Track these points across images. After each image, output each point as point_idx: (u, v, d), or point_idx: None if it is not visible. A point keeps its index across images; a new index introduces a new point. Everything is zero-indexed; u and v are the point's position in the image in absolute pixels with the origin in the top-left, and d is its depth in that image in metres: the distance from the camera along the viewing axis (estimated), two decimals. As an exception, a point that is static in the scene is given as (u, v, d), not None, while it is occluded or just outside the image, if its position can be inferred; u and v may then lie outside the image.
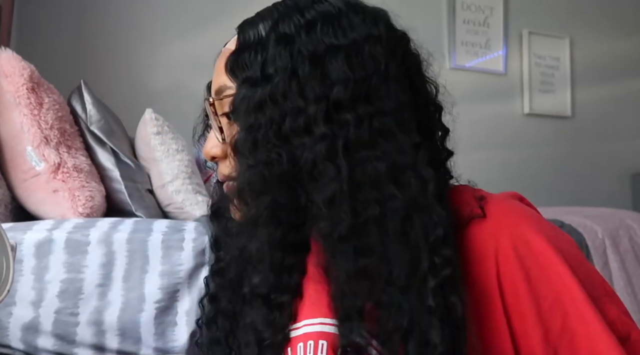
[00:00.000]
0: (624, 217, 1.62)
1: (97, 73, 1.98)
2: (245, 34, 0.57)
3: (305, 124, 0.52)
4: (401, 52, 0.57)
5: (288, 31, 0.54)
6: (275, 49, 0.54)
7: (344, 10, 0.55)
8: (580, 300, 0.51)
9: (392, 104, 0.53)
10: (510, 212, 0.56)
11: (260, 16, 0.58)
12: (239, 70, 0.56)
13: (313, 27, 0.54)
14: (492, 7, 2.85)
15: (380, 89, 0.53)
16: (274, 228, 0.54)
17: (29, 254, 0.98)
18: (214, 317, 0.67)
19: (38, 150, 1.20)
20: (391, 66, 0.54)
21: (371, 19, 0.56)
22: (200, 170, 1.76)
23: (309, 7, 0.56)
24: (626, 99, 3.14)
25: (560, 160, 2.93)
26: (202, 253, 1.04)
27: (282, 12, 0.56)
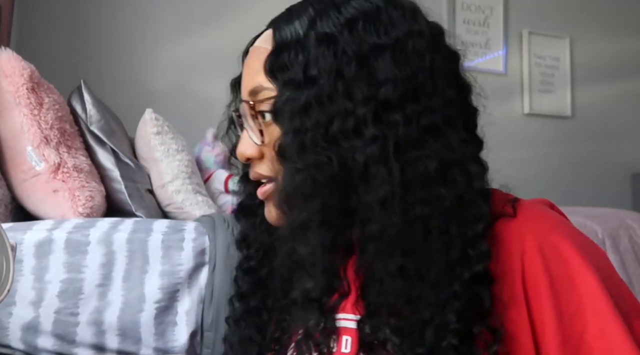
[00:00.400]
0: (624, 217, 1.62)
1: (97, 73, 1.98)
2: (282, 33, 0.55)
3: (355, 126, 0.51)
4: (443, 46, 0.57)
5: (328, 30, 0.53)
6: (317, 49, 0.52)
7: (382, 6, 0.54)
8: (605, 313, 0.49)
9: (439, 101, 0.53)
10: (541, 216, 0.55)
11: (295, 13, 0.56)
12: (279, 72, 0.54)
13: (354, 25, 0.53)
14: (492, 7, 2.85)
15: (426, 85, 0.52)
16: (325, 231, 0.53)
17: (29, 254, 0.98)
18: (244, 315, 0.67)
19: (38, 150, 1.20)
20: (436, 61, 0.54)
21: (410, 14, 0.55)
22: (201, 170, 1.76)
23: (345, 3, 0.54)
24: (626, 99, 3.14)
25: (560, 160, 2.93)
26: (202, 253, 1.04)
27: (318, 10, 0.55)
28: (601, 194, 2.92)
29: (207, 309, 1.01)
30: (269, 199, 0.59)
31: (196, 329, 1.00)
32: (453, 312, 0.50)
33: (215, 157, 1.81)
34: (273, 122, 0.56)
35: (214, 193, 1.73)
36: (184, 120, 1.94)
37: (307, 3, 0.57)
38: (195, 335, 1.01)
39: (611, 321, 0.49)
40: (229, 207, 1.68)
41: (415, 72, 0.52)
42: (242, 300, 0.68)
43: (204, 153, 1.82)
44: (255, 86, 0.57)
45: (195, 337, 1.01)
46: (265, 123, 0.57)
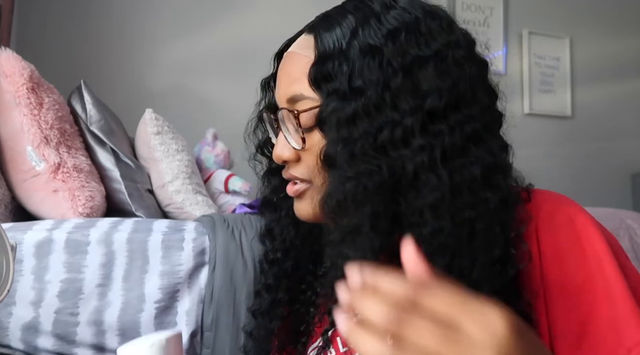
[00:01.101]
0: (624, 217, 1.62)
1: (97, 73, 1.98)
2: (324, 41, 0.56)
3: (403, 136, 0.53)
4: (476, 55, 0.58)
5: (372, 41, 0.54)
6: (361, 60, 0.54)
7: (421, 17, 0.56)
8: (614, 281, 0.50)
9: (478, 108, 0.54)
10: (556, 195, 0.58)
11: (334, 20, 0.57)
12: (323, 82, 0.55)
13: (397, 36, 0.54)
14: (492, 7, 2.85)
15: (467, 94, 0.54)
16: (375, 236, 0.54)
17: (29, 254, 0.98)
18: (271, 307, 0.69)
19: (38, 150, 1.20)
20: (472, 70, 0.55)
21: (447, 24, 0.57)
22: (201, 170, 1.76)
23: (385, 12, 0.56)
24: (626, 99, 3.14)
25: (560, 160, 2.93)
26: (202, 253, 1.04)
27: (359, 18, 0.56)
28: (601, 194, 2.92)
29: (207, 309, 1.01)
30: (301, 197, 0.61)
31: (196, 329, 1.00)
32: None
33: (215, 157, 1.81)
34: (314, 129, 0.58)
35: (214, 193, 1.73)
36: (184, 120, 1.94)
37: (345, 10, 0.58)
38: (195, 335, 1.01)
39: (620, 291, 0.49)
40: (229, 207, 1.68)
41: (456, 82, 0.54)
42: (269, 292, 0.69)
43: (204, 153, 1.82)
44: (295, 94, 0.58)
45: (195, 337, 1.01)
46: (307, 131, 0.58)
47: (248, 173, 1.61)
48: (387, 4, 0.56)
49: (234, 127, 2.26)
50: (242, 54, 2.26)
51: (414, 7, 0.56)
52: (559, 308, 0.52)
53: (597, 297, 0.50)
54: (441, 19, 0.57)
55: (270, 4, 2.36)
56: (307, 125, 0.58)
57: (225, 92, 2.24)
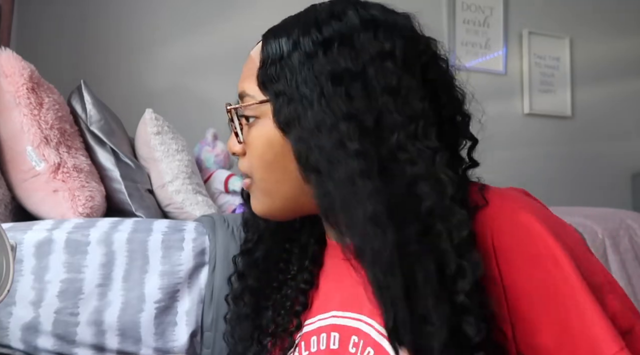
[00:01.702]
0: (624, 217, 1.62)
1: (97, 73, 1.98)
2: (269, 48, 0.60)
3: (340, 138, 0.54)
4: (419, 64, 0.58)
5: (308, 49, 0.56)
6: (300, 66, 0.56)
7: (357, 27, 0.57)
8: (577, 288, 0.50)
9: (401, 118, 0.54)
10: (508, 198, 0.56)
11: (283, 28, 0.60)
12: (268, 84, 0.58)
13: (330, 47, 0.56)
14: (492, 7, 2.85)
15: (389, 105, 0.54)
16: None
17: (29, 254, 0.98)
18: (242, 294, 0.73)
19: (38, 150, 1.20)
20: (404, 79, 0.55)
21: (385, 33, 0.57)
22: (201, 170, 1.76)
23: (327, 23, 0.57)
24: (626, 99, 3.14)
25: (560, 160, 2.93)
26: (202, 253, 1.04)
27: (303, 27, 0.58)
28: (601, 194, 2.92)
29: (207, 309, 1.01)
30: (250, 190, 0.64)
31: (196, 329, 1.00)
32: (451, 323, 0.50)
33: (215, 157, 1.81)
34: (252, 126, 0.61)
35: (214, 193, 1.73)
36: (184, 120, 1.94)
37: (295, 19, 0.61)
38: (195, 335, 1.01)
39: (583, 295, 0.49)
40: (229, 207, 1.68)
41: (381, 94, 0.54)
42: (239, 279, 0.73)
43: (204, 153, 1.82)
44: (242, 91, 0.62)
45: (195, 337, 1.01)
46: (248, 125, 0.62)
47: (248, 173, 1.57)
48: (334, 14, 0.58)
49: (234, 127, 2.25)
50: (242, 54, 2.24)
51: (355, 18, 0.57)
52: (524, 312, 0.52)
53: (564, 305, 0.50)
54: (377, 28, 0.57)
55: (270, 4, 2.36)
56: (246, 121, 0.62)
57: (225, 92, 2.23)
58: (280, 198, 0.61)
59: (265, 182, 0.61)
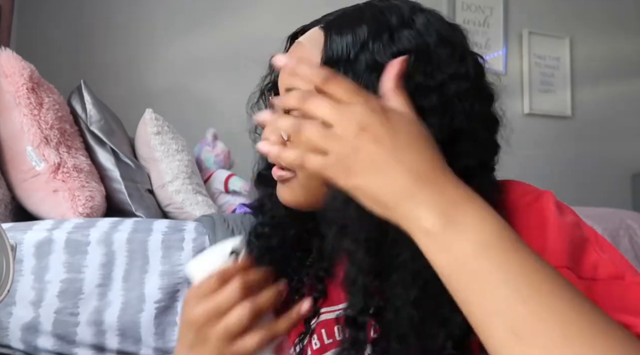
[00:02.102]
0: (624, 217, 1.62)
1: (97, 73, 1.98)
2: (333, 46, 0.56)
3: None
4: (483, 87, 0.57)
5: (379, 59, 0.53)
6: (367, 76, 0.53)
7: (433, 44, 0.55)
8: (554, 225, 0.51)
9: (472, 144, 0.54)
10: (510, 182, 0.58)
11: (349, 25, 0.56)
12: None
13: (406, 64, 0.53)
14: (492, 7, 2.85)
15: (463, 129, 0.53)
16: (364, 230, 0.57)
17: (29, 254, 0.98)
18: None
19: (38, 150, 1.20)
20: (475, 104, 0.55)
21: (460, 53, 0.56)
22: (201, 170, 1.76)
23: (400, 30, 0.55)
24: (626, 99, 3.14)
25: (560, 160, 2.93)
26: (202, 253, 1.04)
27: (372, 31, 0.55)
28: (601, 194, 2.92)
29: (207, 309, 1.01)
30: (284, 183, 0.62)
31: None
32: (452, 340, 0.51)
33: (215, 157, 1.81)
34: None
35: (214, 193, 1.73)
36: (184, 120, 1.94)
37: (361, 16, 0.57)
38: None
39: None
40: (229, 207, 1.68)
41: (454, 117, 0.53)
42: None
43: (204, 153, 1.82)
44: (289, 85, 0.59)
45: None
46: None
47: (248, 173, 1.60)
48: (405, 21, 0.55)
49: (234, 127, 2.26)
50: (242, 54, 2.26)
51: (430, 30, 0.55)
52: None
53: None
54: (454, 47, 0.56)
55: (270, 4, 2.36)
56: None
57: (225, 92, 2.24)
58: (315, 191, 0.60)
59: (309, 179, 0.59)
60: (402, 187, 0.42)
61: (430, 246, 0.42)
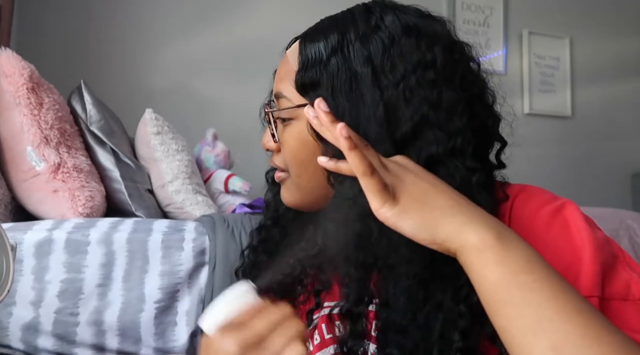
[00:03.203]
0: (624, 217, 1.62)
1: (97, 73, 1.98)
2: (307, 52, 0.59)
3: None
4: (458, 74, 0.58)
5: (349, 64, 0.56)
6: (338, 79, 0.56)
7: (398, 35, 0.56)
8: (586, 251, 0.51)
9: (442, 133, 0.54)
10: (526, 187, 0.59)
11: (322, 33, 0.59)
12: (309, 89, 0.59)
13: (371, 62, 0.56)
14: (492, 7, 2.85)
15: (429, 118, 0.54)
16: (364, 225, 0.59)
17: (29, 254, 0.98)
18: (252, 267, 0.75)
19: (38, 150, 1.20)
20: (445, 92, 0.55)
21: (427, 43, 0.57)
22: (201, 170, 1.76)
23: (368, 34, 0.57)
24: (626, 99, 3.14)
25: (560, 160, 2.93)
26: (202, 253, 1.04)
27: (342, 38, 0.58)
28: (601, 194, 2.92)
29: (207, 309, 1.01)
30: (283, 184, 0.66)
31: (196, 329, 1.00)
32: (458, 331, 0.52)
33: (215, 157, 1.81)
34: (287, 126, 0.62)
35: (214, 193, 1.73)
36: (184, 120, 1.94)
37: (334, 24, 0.60)
38: (195, 335, 1.01)
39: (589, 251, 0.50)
40: (229, 207, 1.68)
41: (420, 105, 0.54)
42: (253, 252, 0.76)
43: (204, 153, 1.82)
44: (278, 92, 0.63)
45: (195, 337, 1.01)
46: (283, 124, 0.63)
47: (248, 173, 1.62)
48: (373, 24, 0.58)
49: (234, 127, 2.26)
50: (242, 54, 2.26)
51: (396, 26, 0.57)
52: None
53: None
54: (420, 37, 0.57)
55: (270, 5, 2.36)
56: (282, 121, 0.63)
57: (225, 92, 2.24)
58: (311, 192, 0.63)
59: (300, 177, 0.63)
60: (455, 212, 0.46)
61: (484, 259, 0.44)
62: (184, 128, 1.76)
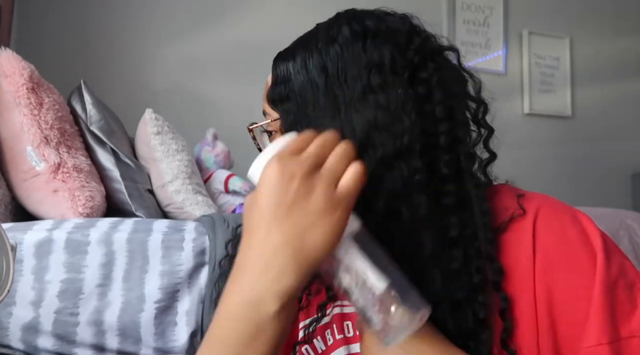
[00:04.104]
0: (624, 217, 1.62)
1: (97, 73, 1.98)
2: (277, 70, 0.62)
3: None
4: (411, 67, 0.58)
5: (310, 72, 0.58)
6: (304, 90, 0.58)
7: (348, 42, 0.58)
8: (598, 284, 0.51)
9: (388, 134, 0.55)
10: (547, 201, 0.58)
11: (290, 53, 0.62)
12: (278, 103, 0.61)
13: (326, 72, 0.58)
14: (492, 7, 2.85)
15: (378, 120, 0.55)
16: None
17: (29, 254, 0.98)
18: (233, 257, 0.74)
19: (38, 150, 1.20)
20: (391, 92, 0.55)
21: (374, 43, 0.57)
22: (201, 170, 1.76)
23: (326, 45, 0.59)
24: (626, 99, 3.14)
25: (560, 160, 2.93)
26: (202, 253, 1.04)
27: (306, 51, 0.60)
28: (601, 194, 2.92)
29: (207, 309, 1.01)
30: None
31: (196, 329, 1.00)
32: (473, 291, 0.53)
33: (215, 157, 1.81)
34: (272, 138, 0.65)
35: (214, 193, 1.73)
36: (184, 120, 1.94)
37: (304, 40, 0.63)
38: (195, 335, 1.01)
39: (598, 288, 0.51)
40: (229, 207, 1.68)
41: (368, 111, 0.55)
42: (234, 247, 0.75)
43: (204, 153, 1.82)
44: (263, 110, 0.66)
45: (195, 337, 1.00)
46: (270, 138, 0.65)
47: (248, 173, 1.57)
48: (331, 36, 0.59)
49: (234, 127, 2.27)
50: (242, 54, 2.26)
51: (350, 34, 0.58)
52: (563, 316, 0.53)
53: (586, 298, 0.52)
54: (365, 39, 0.58)
55: (270, 5, 2.36)
56: (269, 135, 0.65)
57: (225, 92, 2.24)
58: None
59: None
60: None
61: None
62: (184, 128, 1.76)
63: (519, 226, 0.56)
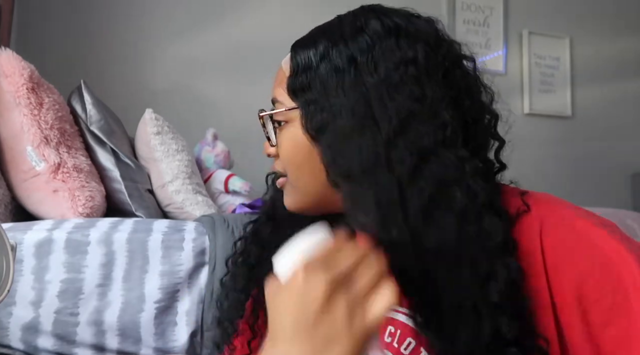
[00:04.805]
0: (624, 217, 1.62)
1: (97, 73, 1.98)
2: (298, 59, 0.61)
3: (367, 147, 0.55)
4: (442, 70, 0.58)
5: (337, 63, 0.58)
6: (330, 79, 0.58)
7: (380, 36, 0.58)
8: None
9: (429, 125, 0.55)
10: (550, 200, 0.58)
11: (311, 41, 0.62)
12: (299, 92, 0.61)
13: (355, 62, 0.57)
14: (492, 7, 2.85)
15: (415, 113, 0.55)
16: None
17: (29, 254, 0.98)
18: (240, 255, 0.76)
19: (38, 150, 1.20)
20: (427, 87, 0.56)
21: (408, 41, 0.58)
22: (201, 170, 1.76)
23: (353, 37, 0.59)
24: (626, 99, 3.14)
25: (560, 160, 2.93)
26: (202, 253, 1.04)
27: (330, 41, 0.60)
28: (601, 194, 2.92)
29: (207, 309, 1.01)
30: (284, 188, 0.67)
31: (196, 329, 1.01)
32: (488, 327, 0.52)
33: (215, 157, 1.81)
34: (282, 130, 0.64)
35: (214, 193, 1.73)
36: (184, 120, 1.94)
37: (321, 32, 0.62)
38: (195, 335, 1.01)
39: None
40: (229, 207, 1.68)
41: (405, 100, 0.55)
42: (242, 243, 0.76)
43: (204, 153, 1.82)
44: (273, 97, 0.65)
45: (195, 337, 1.01)
46: (279, 128, 0.65)
47: (248, 173, 1.62)
48: (358, 27, 0.59)
49: (234, 127, 2.26)
50: (242, 54, 2.26)
51: (379, 28, 0.59)
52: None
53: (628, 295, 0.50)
54: (399, 36, 0.58)
55: (270, 5, 2.36)
56: (278, 125, 0.64)
57: (225, 92, 2.24)
58: (311, 195, 0.64)
59: (298, 180, 0.63)
60: None
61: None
62: (184, 128, 1.76)
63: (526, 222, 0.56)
